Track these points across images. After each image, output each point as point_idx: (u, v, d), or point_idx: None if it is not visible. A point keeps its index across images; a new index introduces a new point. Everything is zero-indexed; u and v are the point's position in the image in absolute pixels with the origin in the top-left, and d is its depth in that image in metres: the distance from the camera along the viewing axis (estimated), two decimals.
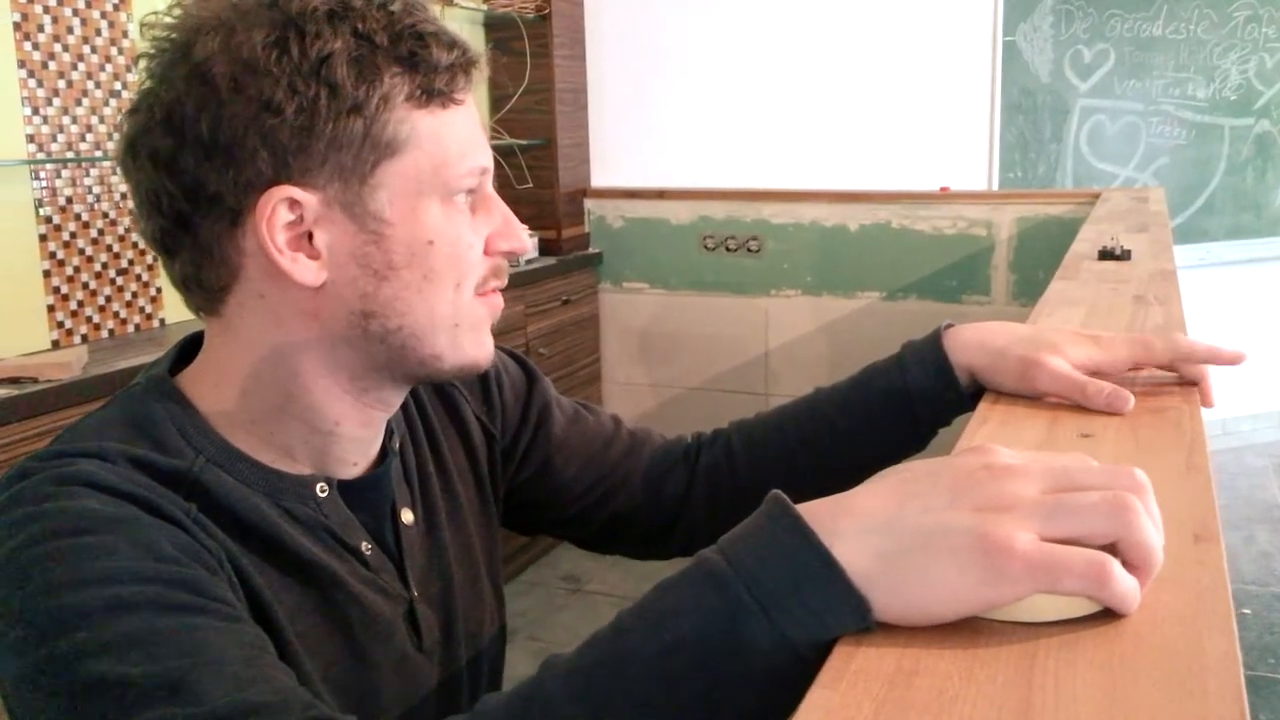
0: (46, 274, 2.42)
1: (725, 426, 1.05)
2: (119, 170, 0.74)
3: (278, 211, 0.69)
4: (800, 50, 3.96)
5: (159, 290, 2.67)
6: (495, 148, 3.66)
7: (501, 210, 0.78)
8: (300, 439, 0.77)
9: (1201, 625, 0.50)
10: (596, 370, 3.87)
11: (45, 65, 2.40)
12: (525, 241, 0.80)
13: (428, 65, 0.72)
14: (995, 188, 4.26)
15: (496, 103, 3.73)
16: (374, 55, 0.70)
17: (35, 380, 2.01)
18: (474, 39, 3.64)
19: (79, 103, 2.47)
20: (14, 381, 2.00)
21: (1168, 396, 0.84)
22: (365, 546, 0.80)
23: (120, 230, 2.57)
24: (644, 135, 3.99)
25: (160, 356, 0.80)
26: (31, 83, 2.37)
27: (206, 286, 0.73)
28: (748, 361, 3.72)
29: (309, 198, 0.70)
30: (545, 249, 3.66)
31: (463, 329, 0.76)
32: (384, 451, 0.84)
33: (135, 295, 2.63)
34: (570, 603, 3.30)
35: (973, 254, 3.43)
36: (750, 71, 3.97)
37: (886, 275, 3.53)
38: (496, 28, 3.69)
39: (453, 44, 0.74)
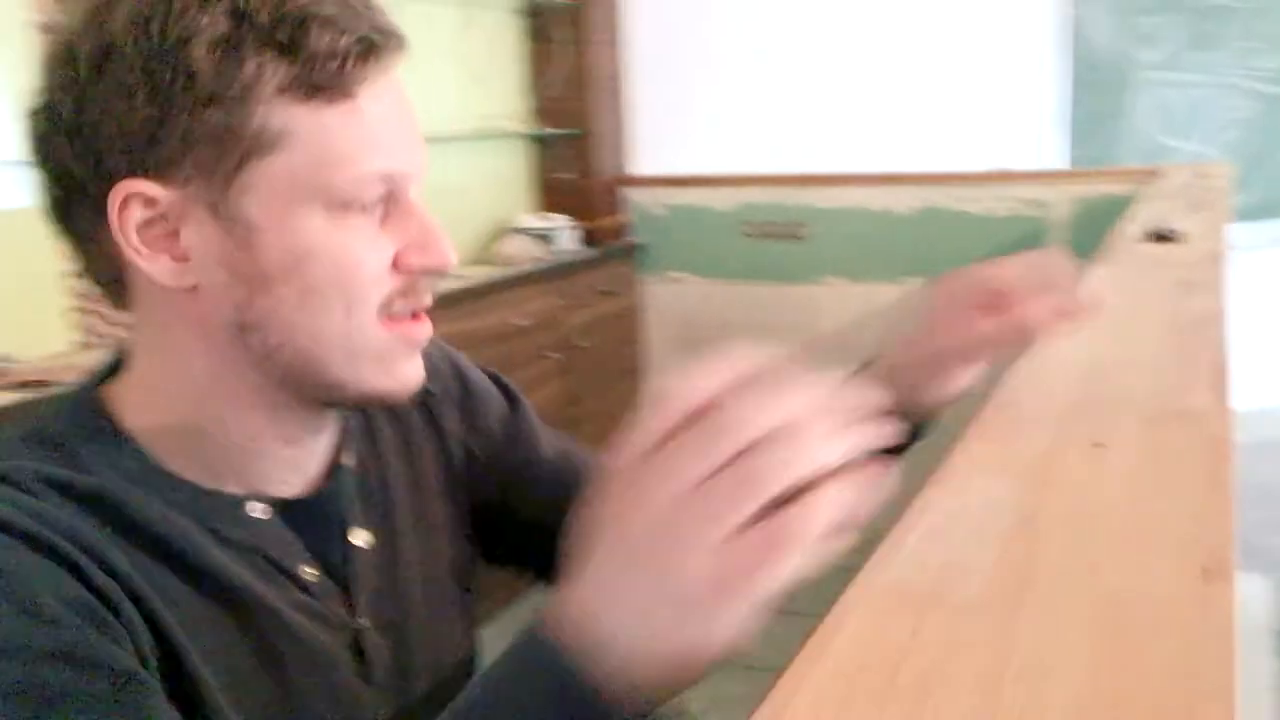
0: (68, 275, 2.40)
1: None
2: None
3: (130, 207, 0.63)
4: (846, 28, 3.85)
5: None
6: (531, 137, 3.60)
7: (419, 221, 0.69)
8: (219, 454, 0.71)
9: (1195, 688, 0.42)
10: (636, 362, 3.80)
11: None
12: (447, 256, 0.69)
13: (308, 53, 0.63)
14: (1056, 166, 4.10)
15: (532, 91, 3.67)
16: (243, 38, 0.62)
17: (51, 385, 1.99)
18: (508, 27, 3.59)
19: None
20: (34, 385, 1.99)
21: (1196, 395, 0.76)
22: (306, 571, 0.74)
23: None
24: (684, 121, 3.90)
25: (95, 366, 0.75)
26: None
27: (100, 281, 0.69)
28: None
29: (166, 194, 0.63)
30: (583, 240, 3.60)
31: (363, 359, 0.68)
32: (336, 467, 0.78)
33: None
34: None
35: (1027, 236, 3.30)
36: (793, 52, 3.86)
37: (936, 260, 3.41)
38: (532, 14, 3.63)
39: (348, 29, 0.64)
